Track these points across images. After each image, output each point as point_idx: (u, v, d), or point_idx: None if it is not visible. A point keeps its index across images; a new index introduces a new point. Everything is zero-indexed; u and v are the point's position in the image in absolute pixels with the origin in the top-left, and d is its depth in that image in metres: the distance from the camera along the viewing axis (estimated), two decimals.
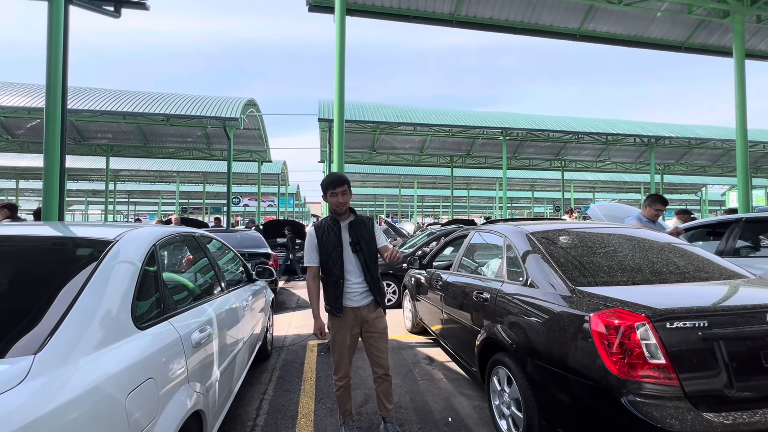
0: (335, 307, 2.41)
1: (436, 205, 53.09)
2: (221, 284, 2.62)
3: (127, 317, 1.41)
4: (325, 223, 2.48)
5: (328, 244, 2.41)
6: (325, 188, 2.41)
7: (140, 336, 1.43)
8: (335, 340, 2.48)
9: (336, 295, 2.40)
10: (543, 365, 2.08)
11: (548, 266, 2.34)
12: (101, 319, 1.30)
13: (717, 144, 18.68)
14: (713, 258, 2.56)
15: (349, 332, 2.46)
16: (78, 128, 16.19)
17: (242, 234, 8.13)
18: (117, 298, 1.41)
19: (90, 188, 34.62)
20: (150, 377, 1.36)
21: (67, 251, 1.68)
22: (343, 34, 4.94)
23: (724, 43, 7.60)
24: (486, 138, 18.61)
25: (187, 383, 1.62)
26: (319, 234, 2.44)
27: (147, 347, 1.42)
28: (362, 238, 2.43)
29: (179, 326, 1.71)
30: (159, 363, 1.45)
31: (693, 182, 32.56)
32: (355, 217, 2.50)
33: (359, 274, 2.43)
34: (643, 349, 1.68)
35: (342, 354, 2.47)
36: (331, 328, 2.50)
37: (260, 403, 3.07)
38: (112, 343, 1.29)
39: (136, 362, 1.32)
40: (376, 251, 2.50)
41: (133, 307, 1.45)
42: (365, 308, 2.46)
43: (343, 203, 2.39)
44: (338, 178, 2.42)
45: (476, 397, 3.17)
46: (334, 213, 2.45)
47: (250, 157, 20.14)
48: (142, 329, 1.46)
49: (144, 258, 1.68)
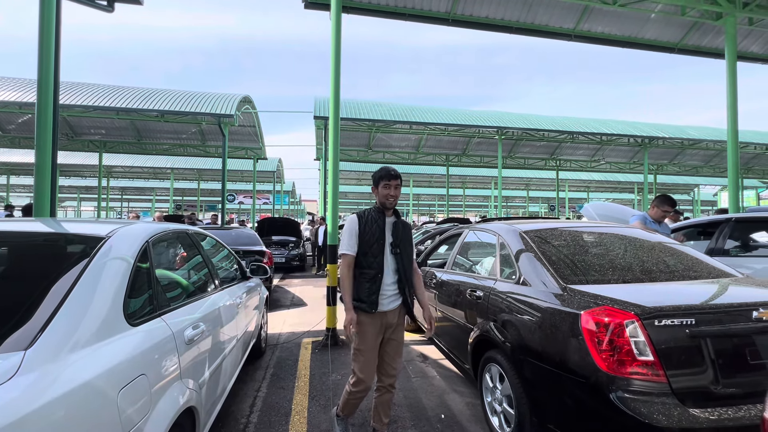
0: (369, 303, 2.22)
1: (432, 204, 53.21)
2: (215, 281, 2.61)
3: (118, 314, 1.41)
4: (369, 214, 2.34)
5: (371, 235, 2.27)
6: (379, 179, 2.31)
7: (132, 332, 1.43)
8: (359, 349, 2.27)
9: (372, 290, 2.23)
10: (534, 362, 2.10)
11: (540, 265, 2.36)
12: (93, 316, 1.30)
13: (709, 145, 18.89)
14: (703, 257, 2.60)
15: (376, 336, 2.29)
16: (70, 124, 16.01)
17: (237, 231, 8.11)
18: (109, 294, 1.41)
19: (83, 185, 34.25)
20: (142, 373, 1.36)
21: (59, 247, 1.67)
22: (338, 31, 4.92)
23: (717, 44, 7.70)
24: (482, 137, 18.67)
25: (179, 380, 1.63)
26: (362, 223, 2.30)
27: (139, 344, 1.42)
28: (402, 240, 2.34)
29: (172, 323, 1.71)
30: (151, 359, 1.45)
31: (686, 182, 32.90)
32: (398, 219, 2.40)
33: (393, 276, 2.31)
34: (632, 347, 1.71)
35: (369, 360, 2.26)
36: (360, 330, 2.26)
37: (254, 400, 3.07)
38: (103, 339, 1.29)
39: (128, 358, 1.32)
40: (413, 257, 2.43)
41: (125, 303, 1.45)
42: (392, 313, 2.33)
43: (395, 197, 2.31)
44: (394, 171, 2.33)
45: (469, 394, 3.19)
46: (382, 206, 2.34)
47: (245, 154, 20.03)
48: (135, 326, 1.46)
49: (136, 255, 1.68)
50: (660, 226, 3.91)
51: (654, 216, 4.02)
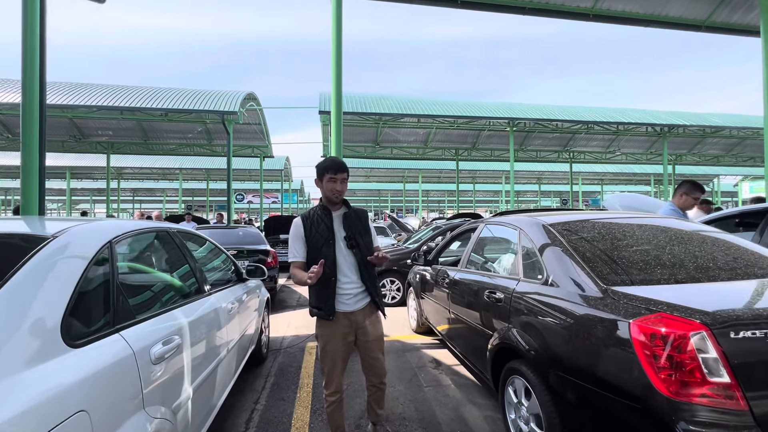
0: (326, 310, 2.11)
1: (441, 200, 52.61)
2: (201, 286, 2.33)
3: (53, 333, 1.12)
4: (314, 214, 2.18)
5: (318, 236, 2.12)
6: (323, 171, 2.11)
7: (71, 355, 1.14)
8: (325, 350, 2.18)
9: (327, 296, 2.11)
10: (569, 378, 1.77)
11: (573, 262, 2.02)
12: (14, 338, 1.02)
13: (733, 132, 18.05)
14: (762, 250, 2.22)
15: (342, 340, 2.17)
16: (78, 125, 16.03)
17: (243, 230, 7.93)
18: (40, 308, 1.12)
19: (95, 187, 34.66)
20: (80, 410, 1.07)
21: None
22: (339, 15, 4.61)
23: (748, 21, 7.09)
24: (492, 129, 18.15)
25: (141, 410, 1.34)
26: (306, 225, 2.15)
27: (79, 370, 1.13)
28: (357, 231, 2.17)
29: (134, 339, 1.42)
30: (97, 389, 1.16)
31: (705, 173, 31.74)
32: (349, 209, 2.24)
33: (354, 273, 2.16)
34: (700, 364, 1.36)
35: (334, 365, 2.17)
36: (321, 336, 2.20)
37: (251, 414, 2.80)
38: (26, 368, 1.00)
39: (59, 392, 1.03)
40: (372, 247, 2.23)
41: (64, 319, 1.16)
42: (360, 312, 2.18)
43: (341, 191, 2.13)
44: (339, 162, 2.15)
45: (488, 406, 2.87)
46: (328, 201, 2.17)
47: (251, 152, 19.88)
48: (77, 347, 1.18)
49: (91, 258, 1.39)
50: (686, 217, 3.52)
51: (683, 205, 3.65)
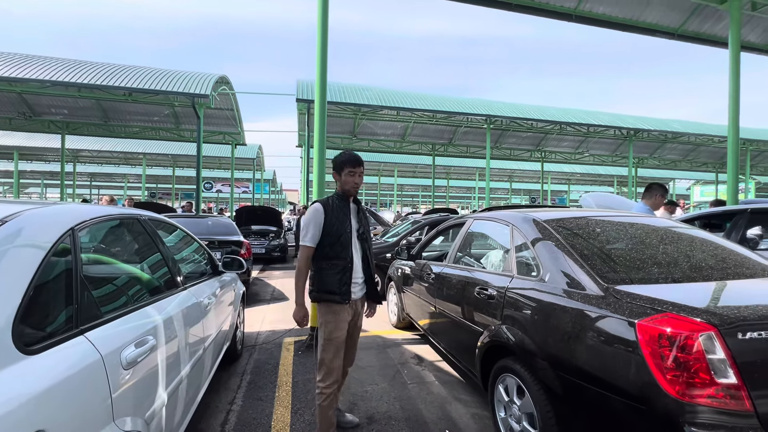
0: (342, 294, 2.15)
1: (416, 195, 52.91)
2: (175, 279, 2.12)
3: (4, 337, 0.93)
4: (333, 202, 2.24)
5: (339, 225, 2.18)
6: (342, 164, 2.22)
7: (26, 364, 0.95)
8: (330, 339, 2.16)
9: (343, 281, 2.16)
10: (566, 377, 1.74)
11: (571, 260, 1.98)
12: None
13: (691, 138, 19.14)
14: (746, 252, 2.28)
15: (346, 327, 2.23)
16: (28, 102, 14.67)
17: (213, 220, 7.52)
18: None
19: (47, 170, 32.15)
20: (38, 430, 0.89)
21: None
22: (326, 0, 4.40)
23: (716, 31, 7.49)
24: (469, 126, 18.31)
25: (111, 422, 1.16)
26: (327, 212, 2.19)
27: (36, 381, 0.94)
28: (364, 226, 2.34)
29: (102, 342, 1.24)
30: (58, 403, 0.98)
31: (662, 176, 33.67)
32: (359, 205, 2.37)
33: (360, 264, 2.28)
34: (707, 365, 1.35)
35: (337, 354, 2.18)
36: (328, 323, 2.17)
37: (227, 416, 2.62)
38: None
39: (12, 409, 0.85)
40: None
41: (17, 321, 0.97)
42: (360, 301, 2.34)
43: (359, 185, 2.26)
44: (357, 156, 2.28)
45: (474, 403, 2.84)
46: (346, 194, 2.27)
47: (222, 139, 19.01)
48: (33, 353, 0.99)
49: (50, 248, 1.19)
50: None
51: (653, 206, 3.80)
